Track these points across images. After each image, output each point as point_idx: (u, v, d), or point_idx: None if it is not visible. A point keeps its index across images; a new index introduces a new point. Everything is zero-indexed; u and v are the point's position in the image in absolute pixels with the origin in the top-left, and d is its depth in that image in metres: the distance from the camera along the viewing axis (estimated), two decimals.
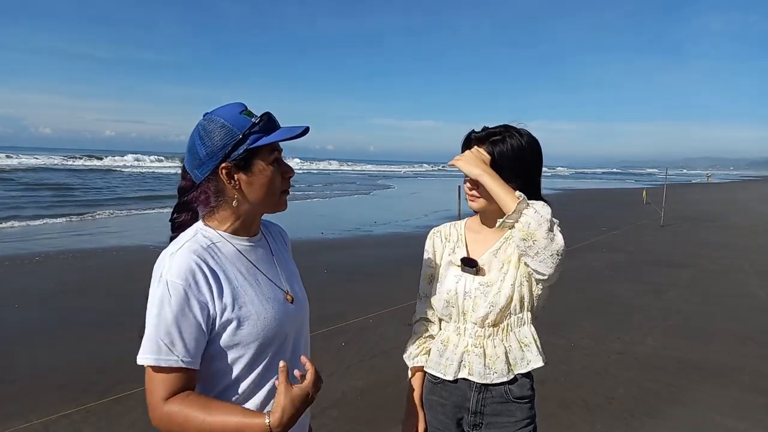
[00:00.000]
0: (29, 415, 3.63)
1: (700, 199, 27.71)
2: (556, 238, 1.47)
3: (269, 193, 1.28)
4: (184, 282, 1.17)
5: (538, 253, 1.47)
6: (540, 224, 1.46)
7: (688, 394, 4.17)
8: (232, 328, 1.22)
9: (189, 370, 1.19)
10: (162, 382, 1.17)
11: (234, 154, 1.22)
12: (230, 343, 1.23)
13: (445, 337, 1.73)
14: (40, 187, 23.68)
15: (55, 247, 9.69)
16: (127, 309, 5.98)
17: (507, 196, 1.51)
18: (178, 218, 1.35)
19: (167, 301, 1.16)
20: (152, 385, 1.18)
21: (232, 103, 1.28)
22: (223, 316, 1.21)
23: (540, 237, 1.46)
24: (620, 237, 12.66)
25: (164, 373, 1.17)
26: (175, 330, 1.16)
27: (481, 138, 1.64)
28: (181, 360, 1.16)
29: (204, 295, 1.19)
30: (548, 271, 1.49)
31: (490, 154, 1.61)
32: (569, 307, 6.33)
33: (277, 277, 1.36)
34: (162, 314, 1.16)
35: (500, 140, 1.61)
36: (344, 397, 4.02)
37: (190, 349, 1.18)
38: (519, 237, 1.49)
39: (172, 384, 1.17)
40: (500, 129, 1.64)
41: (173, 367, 1.16)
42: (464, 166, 1.60)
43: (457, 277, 1.70)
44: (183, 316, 1.17)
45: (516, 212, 1.48)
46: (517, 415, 1.67)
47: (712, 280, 8.32)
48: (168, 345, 1.16)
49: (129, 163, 54.82)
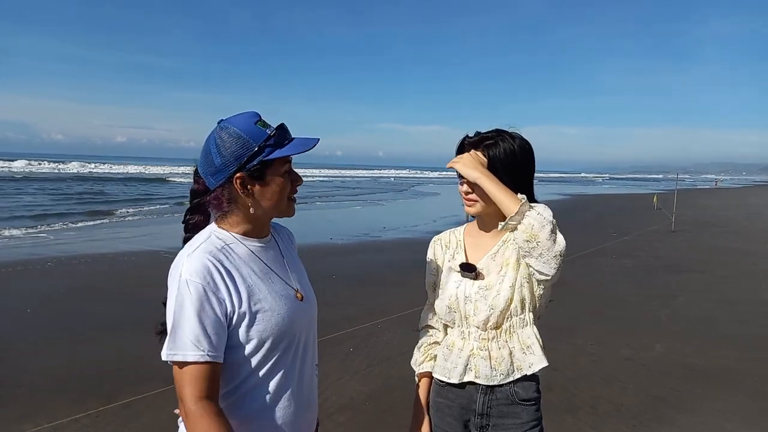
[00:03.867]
0: (39, 419, 3.67)
1: (711, 204, 27.48)
2: (558, 239, 1.51)
3: (280, 201, 1.35)
4: (202, 280, 1.23)
5: (541, 254, 1.50)
6: (543, 226, 1.49)
7: (697, 401, 4.14)
8: (246, 324, 1.28)
9: (215, 364, 1.24)
10: (191, 377, 1.22)
11: (249, 165, 1.28)
12: (245, 338, 1.29)
13: (450, 341, 1.75)
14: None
15: (66, 252, 9.79)
16: (138, 314, 6.03)
17: (508, 198, 1.54)
18: (191, 219, 1.41)
19: (189, 300, 1.22)
20: (182, 380, 1.23)
21: (247, 113, 1.32)
22: (239, 312, 1.27)
23: (543, 238, 1.49)
24: (630, 242, 12.59)
25: (192, 368, 1.22)
26: (199, 326, 1.22)
27: (474, 143, 1.67)
28: (207, 354, 1.22)
29: (221, 292, 1.25)
30: (551, 272, 1.52)
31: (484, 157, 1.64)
32: (577, 312, 6.31)
33: (287, 276, 1.43)
34: (185, 312, 1.22)
35: (493, 144, 1.63)
36: (351, 402, 4.03)
37: (214, 343, 1.23)
38: (522, 239, 1.51)
39: (201, 378, 1.22)
40: (493, 134, 1.66)
41: (200, 362, 1.22)
42: (462, 169, 1.62)
43: (457, 282, 1.72)
44: (204, 312, 1.22)
45: (519, 214, 1.51)
46: (523, 417, 1.68)
47: (722, 285, 8.25)
48: (194, 341, 1.21)
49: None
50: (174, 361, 1.23)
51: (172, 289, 1.25)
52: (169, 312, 1.25)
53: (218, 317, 1.24)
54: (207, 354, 1.22)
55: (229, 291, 1.26)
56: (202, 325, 1.22)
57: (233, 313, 1.27)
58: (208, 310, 1.23)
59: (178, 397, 1.25)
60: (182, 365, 1.22)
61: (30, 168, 47.32)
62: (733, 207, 25.65)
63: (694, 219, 18.31)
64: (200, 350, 1.21)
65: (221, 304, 1.25)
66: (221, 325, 1.25)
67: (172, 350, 1.22)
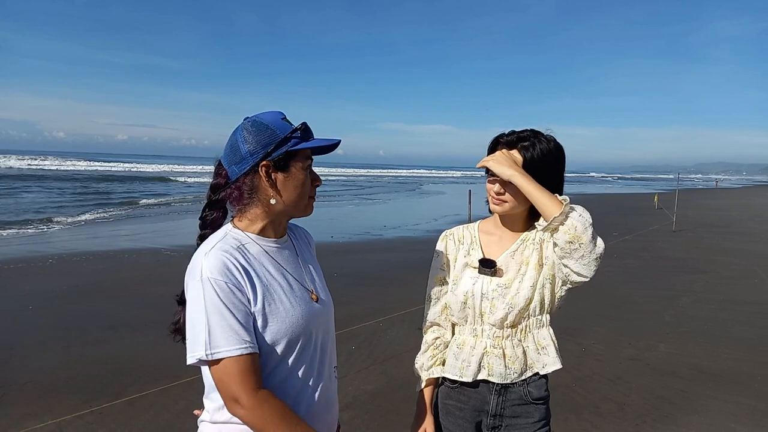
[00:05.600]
0: (44, 416, 3.67)
1: (712, 204, 27.47)
2: (599, 242, 1.52)
3: (301, 195, 1.37)
4: (224, 277, 1.23)
5: (583, 256, 1.50)
6: (586, 228, 1.49)
7: (701, 401, 4.13)
8: (261, 325, 1.27)
9: (256, 355, 1.24)
10: (241, 370, 1.20)
11: (275, 154, 1.31)
12: (261, 338, 1.28)
13: (461, 340, 1.72)
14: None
15: (68, 250, 9.79)
16: (140, 311, 6.05)
17: (548, 199, 1.52)
18: (209, 215, 1.41)
19: (217, 296, 1.21)
20: (230, 377, 1.20)
21: (273, 111, 1.37)
22: (256, 310, 1.27)
23: (586, 240, 1.49)
24: (632, 242, 12.57)
25: (240, 361, 1.20)
26: (234, 320, 1.21)
27: (510, 142, 1.63)
28: (250, 346, 1.22)
29: (242, 287, 1.25)
30: (590, 274, 1.53)
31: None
32: (581, 313, 6.30)
33: (302, 277, 1.42)
34: (216, 309, 1.21)
35: (530, 145, 1.60)
36: (355, 401, 4.03)
37: (251, 333, 1.24)
38: (564, 240, 1.50)
39: (251, 370, 1.21)
40: (529, 134, 1.63)
41: (244, 354, 1.21)
42: (496, 167, 1.58)
43: (473, 278, 1.69)
44: (235, 307, 1.22)
45: (562, 215, 1.49)
46: (535, 416, 1.68)
47: (725, 286, 8.24)
48: (234, 336, 1.21)
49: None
50: (217, 359, 1.20)
51: (195, 289, 1.23)
52: (195, 313, 1.23)
53: (245, 310, 1.25)
54: (250, 345, 1.22)
55: (247, 288, 1.26)
56: (236, 318, 1.22)
57: (252, 310, 1.27)
58: (237, 304, 1.23)
59: (226, 397, 1.22)
60: (227, 362, 1.20)
61: (30, 164, 47.29)
62: (734, 207, 25.64)
63: (696, 219, 18.30)
64: (243, 343, 1.21)
65: (245, 298, 1.25)
66: (249, 317, 1.25)
67: (214, 349, 1.20)
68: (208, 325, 1.20)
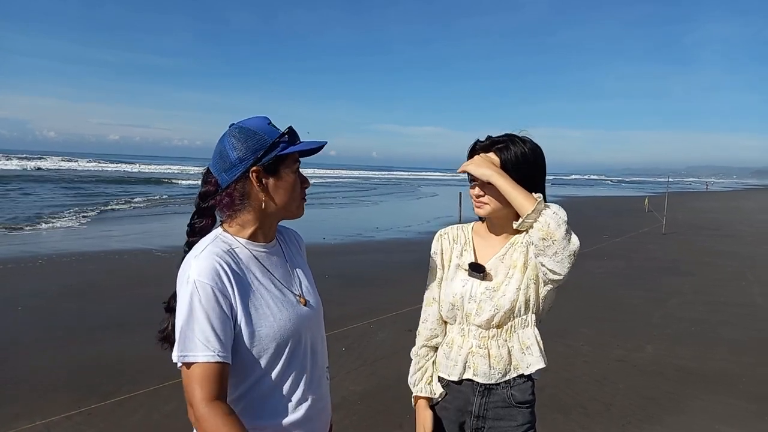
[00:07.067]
0: (33, 416, 3.66)
1: (702, 207, 27.66)
2: (573, 239, 1.53)
3: (293, 197, 1.39)
4: (211, 281, 1.24)
5: (556, 253, 1.52)
6: (559, 225, 1.52)
7: (688, 402, 4.18)
8: (248, 329, 1.29)
9: (225, 365, 1.24)
10: (201, 377, 1.21)
11: (265, 159, 1.32)
12: (249, 342, 1.29)
13: (450, 339, 1.76)
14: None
15: (57, 250, 9.74)
16: (130, 312, 6.03)
17: (523, 196, 1.55)
18: (198, 223, 1.41)
19: (198, 300, 1.23)
20: (191, 382, 1.22)
21: (258, 116, 1.39)
22: (243, 315, 1.28)
23: (559, 237, 1.51)
24: (622, 244, 12.66)
25: (202, 369, 1.21)
26: (209, 326, 1.22)
27: (485, 147, 1.68)
28: (217, 354, 1.22)
29: (229, 292, 1.26)
30: (564, 271, 1.54)
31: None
32: (570, 314, 6.34)
33: (290, 282, 1.43)
34: (194, 313, 1.22)
35: (504, 148, 1.64)
36: (344, 401, 4.04)
37: (224, 343, 1.24)
38: (538, 237, 1.53)
39: (211, 379, 1.21)
40: (504, 138, 1.67)
41: (210, 363, 1.21)
42: (475, 169, 1.62)
43: (464, 281, 1.72)
44: (214, 313, 1.23)
45: (535, 212, 1.53)
46: (518, 419, 1.70)
47: (713, 288, 8.32)
48: (203, 341, 1.21)
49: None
50: (185, 362, 1.22)
51: (183, 291, 1.25)
52: (179, 314, 1.24)
53: (227, 318, 1.25)
54: (217, 354, 1.22)
55: (234, 293, 1.27)
56: (212, 325, 1.22)
57: (237, 316, 1.28)
58: (217, 310, 1.24)
59: (187, 401, 1.24)
60: (192, 366, 1.22)
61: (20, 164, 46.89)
62: (724, 210, 25.85)
63: (685, 222, 18.44)
64: (210, 350, 1.21)
65: (228, 305, 1.26)
66: (230, 326, 1.26)
67: (182, 352, 1.22)
68: (183, 329, 1.22)
